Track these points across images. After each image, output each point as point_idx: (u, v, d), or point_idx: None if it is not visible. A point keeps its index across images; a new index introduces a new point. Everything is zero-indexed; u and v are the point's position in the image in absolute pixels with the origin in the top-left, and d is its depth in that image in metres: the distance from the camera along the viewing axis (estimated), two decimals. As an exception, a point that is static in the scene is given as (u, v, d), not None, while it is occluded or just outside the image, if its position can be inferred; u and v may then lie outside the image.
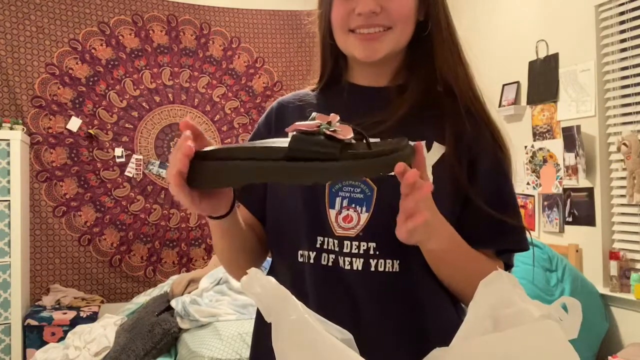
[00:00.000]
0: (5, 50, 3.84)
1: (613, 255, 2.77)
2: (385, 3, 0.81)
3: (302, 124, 0.64)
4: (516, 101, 3.43)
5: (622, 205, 2.80)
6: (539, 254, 2.71)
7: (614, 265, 2.76)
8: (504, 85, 3.54)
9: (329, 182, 0.82)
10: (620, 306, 2.78)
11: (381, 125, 0.83)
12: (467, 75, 0.86)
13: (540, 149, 3.25)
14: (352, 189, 0.80)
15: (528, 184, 3.36)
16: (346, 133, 0.63)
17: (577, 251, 2.97)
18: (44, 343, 3.32)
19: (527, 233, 0.85)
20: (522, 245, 0.83)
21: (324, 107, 0.90)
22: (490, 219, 0.80)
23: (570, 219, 3.05)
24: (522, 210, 3.41)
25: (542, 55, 3.25)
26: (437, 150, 0.82)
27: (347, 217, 0.80)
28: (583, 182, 2.96)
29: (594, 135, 2.92)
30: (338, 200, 0.81)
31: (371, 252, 0.78)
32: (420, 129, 0.84)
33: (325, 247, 0.81)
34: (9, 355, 3.38)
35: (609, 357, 2.47)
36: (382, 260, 0.78)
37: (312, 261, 0.81)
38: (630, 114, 2.79)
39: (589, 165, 2.92)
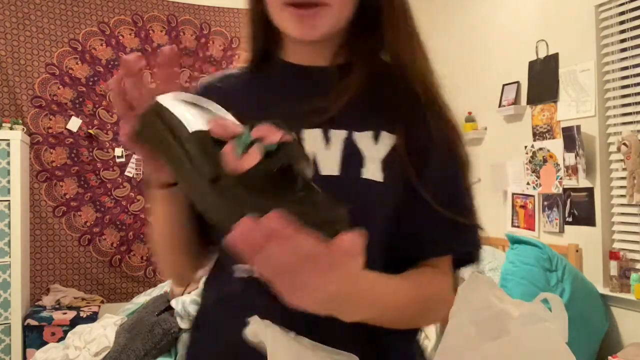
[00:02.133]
0: (5, 50, 3.84)
1: (613, 255, 2.77)
2: None
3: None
4: (516, 101, 3.43)
5: (622, 205, 2.80)
6: (539, 254, 2.71)
7: (614, 265, 2.76)
8: (504, 85, 3.54)
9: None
10: (620, 306, 2.78)
11: (323, 114, 0.71)
12: (425, 56, 0.75)
13: (540, 149, 3.25)
14: None
15: (528, 184, 3.36)
16: (272, 136, 0.51)
17: (577, 251, 2.97)
18: (44, 343, 3.32)
19: (480, 235, 0.76)
20: (477, 245, 0.75)
21: (254, 88, 0.80)
22: (441, 220, 0.71)
23: (570, 219, 3.05)
24: (522, 210, 3.42)
25: (542, 55, 3.25)
26: (386, 141, 0.72)
27: None
28: (583, 182, 2.96)
29: (594, 135, 2.91)
30: None
31: None
32: (367, 116, 0.74)
33: None
34: (9, 355, 3.38)
35: (609, 357, 2.47)
36: None
37: (252, 274, 0.69)
38: (630, 114, 2.79)
39: (589, 165, 2.92)
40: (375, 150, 0.71)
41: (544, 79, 3.23)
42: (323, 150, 0.71)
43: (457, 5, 4.04)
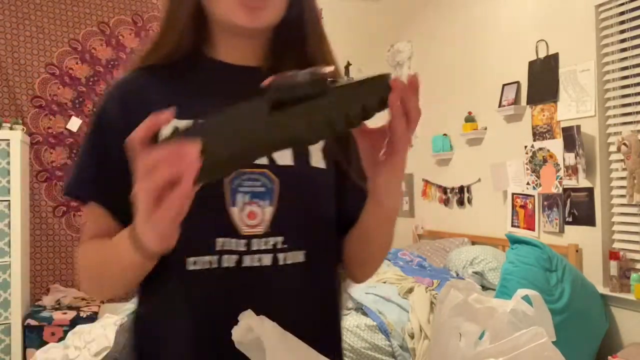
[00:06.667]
0: (5, 50, 3.84)
1: (613, 255, 2.77)
2: None
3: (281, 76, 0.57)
4: (516, 101, 3.43)
5: (622, 205, 2.80)
6: (539, 254, 2.71)
7: (614, 265, 2.76)
8: (504, 85, 3.54)
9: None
10: (620, 306, 2.78)
11: None
12: (333, 57, 0.82)
13: (540, 149, 3.25)
14: (253, 183, 0.74)
15: (528, 184, 3.36)
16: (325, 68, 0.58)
17: (577, 251, 2.97)
18: (44, 343, 3.31)
19: None
20: None
21: (179, 84, 0.79)
22: (364, 195, 0.77)
23: (570, 219, 3.05)
24: (522, 210, 3.42)
25: (542, 55, 3.25)
26: None
27: (251, 214, 0.74)
28: (583, 182, 2.96)
29: (594, 135, 2.92)
30: (239, 196, 0.74)
31: (279, 246, 0.75)
32: None
33: (227, 248, 0.73)
34: (9, 355, 3.38)
35: (609, 357, 2.47)
36: (290, 254, 0.76)
37: (210, 266, 0.73)
38: (630, 114, 2.79)
39: (589, 165, 2.92)
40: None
41: (544, 79, 3.23)
42: None
43: (457, 5, 4.04)
